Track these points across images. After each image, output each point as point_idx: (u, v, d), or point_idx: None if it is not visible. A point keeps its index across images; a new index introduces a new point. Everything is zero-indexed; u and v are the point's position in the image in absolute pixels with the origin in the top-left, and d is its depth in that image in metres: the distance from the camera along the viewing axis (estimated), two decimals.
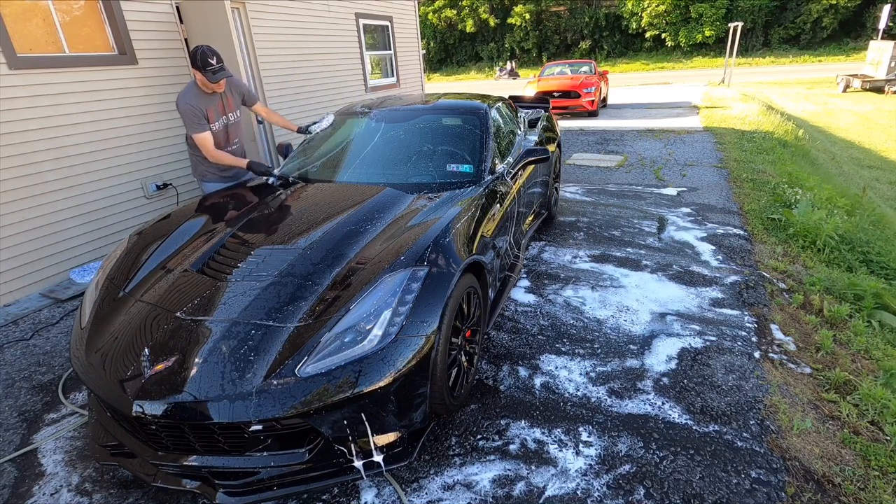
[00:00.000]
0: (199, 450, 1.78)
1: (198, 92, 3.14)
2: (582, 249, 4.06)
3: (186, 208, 2.86)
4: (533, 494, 1.84)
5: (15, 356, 3.05)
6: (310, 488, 1.80)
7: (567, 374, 2.51)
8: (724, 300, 3.18)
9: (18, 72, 3.68)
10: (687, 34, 31.71)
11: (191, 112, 3.11)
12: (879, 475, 1.92)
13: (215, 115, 3.24)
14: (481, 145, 3.13)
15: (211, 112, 3.21)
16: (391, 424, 1.82)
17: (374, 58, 8.81)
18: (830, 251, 4.18)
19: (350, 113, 3.72)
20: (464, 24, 38.94)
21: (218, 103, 3.27)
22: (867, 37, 25.96)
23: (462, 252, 2.18)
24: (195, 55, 3.02)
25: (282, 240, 2.34)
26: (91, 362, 1.89)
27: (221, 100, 3.29)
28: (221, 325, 1.86)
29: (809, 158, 8.23)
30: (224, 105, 3.32)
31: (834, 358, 2.66)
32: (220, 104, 3.28)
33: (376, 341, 1.76)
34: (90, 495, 1.97)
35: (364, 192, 2.76)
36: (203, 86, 3.13)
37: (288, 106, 6.38)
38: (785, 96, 17.44)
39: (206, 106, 3.17)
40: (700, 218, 4.74)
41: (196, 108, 3.12)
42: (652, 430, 2.11)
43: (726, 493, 1.81)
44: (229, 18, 4.72)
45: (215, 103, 3.24)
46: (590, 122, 11.09)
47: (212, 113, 3.21)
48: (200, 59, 3.02)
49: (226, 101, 3.32)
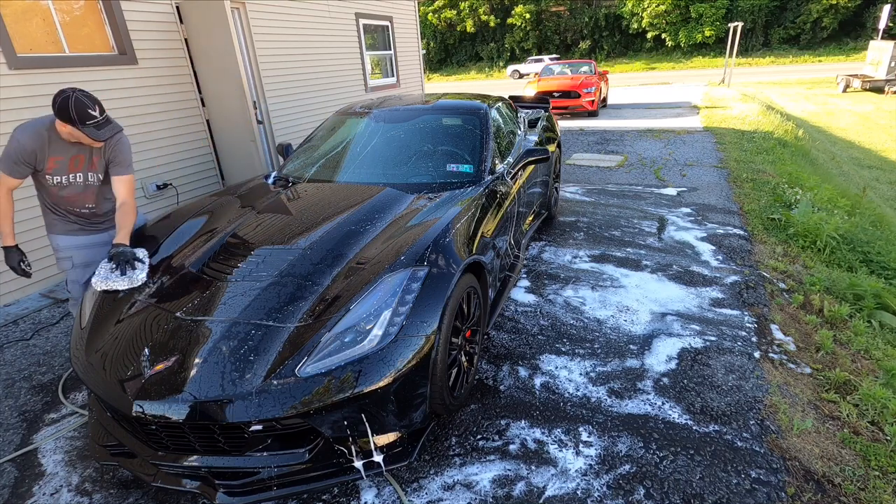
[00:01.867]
0: (200, 450, 1.78)
1: (47, 135, 2.22)
2: (582, 249, 4.06)
3: (186, 208, 2.86)
4: (533, 494, 1.84)
5: (15, 356, 3.05)
6: (310, 488, 1.80)
7: (567, 374, 2.51)
8: (724, 300, 3.18)
9: (18, 72, 3.68)
10: (687, 34, 31.73)
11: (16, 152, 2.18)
12: (879, 475, 1.91)
13: (62, 167, 2.29)
14: (481, 145, 3.13)
15: (55, 162, 2.27)
16: (391, 424, 1.82)
17: (374, 58, 8.81)
18: (830, 251, 4.18)
19: (350, 113, 3.72)
20: (464, 25, 38.95)
21: (79, 156, 2.32)
22: (867, 37, 25.96)
23: (462, 252, 2.18)
24: (65, 106, 2.10)
25: (282, 240, 2.34)
26: (91, 362, 1.89)
27: (89, 155, 2.34)
28: (221, 325, 1.86)
29: (809, 158, 8.23)
30: (89, 162, 2.35)
31: (834, 358, 2.66)
32: (82, 158, 2.33)
33: (376, 341, 1.76)
34: (90, 495, 1.97)
35: (364, 192, 2.76)
36: (69, 136, 2.22)
37: (288, 106, 6.39)
38: (785, 96, 17.45)
39: (52, 153, 2.25)
40: (700, 218, 4.74)
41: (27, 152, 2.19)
42: (652, 430, 2.11)
43: (726, 493, 1.81)
44: (229, 18, 4.72)
45: (74, 154, 2.30)
46: (590, 122, 11.09)
47: (55, 163, 2.27)
48: (77, 110, 2.10)
49: (94, 158, 2.36)
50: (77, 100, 2.11)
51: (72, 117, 2.11)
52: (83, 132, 2.15)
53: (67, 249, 2.46)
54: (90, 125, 2.15)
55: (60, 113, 2.12)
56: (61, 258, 2.50)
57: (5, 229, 2.32)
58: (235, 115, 5.10)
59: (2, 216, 2.29)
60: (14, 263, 2.35)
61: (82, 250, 2.49)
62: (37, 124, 2.24)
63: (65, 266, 2.51)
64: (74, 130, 2.16)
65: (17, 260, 2.36)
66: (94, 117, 2.15)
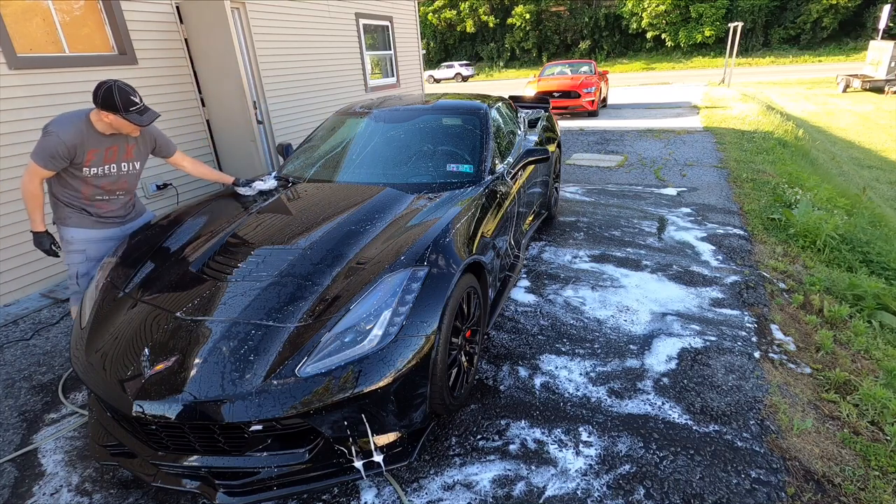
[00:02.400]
0: (200, 450, 1.78)
1: (85, 129, 2.30)
2: (582, 249, 4.06)
3: (186, 208, 2.86)
4: (533, 494, 1.84)
5: (15, 356, 3.05)
6: (310, 488, 1.80)
7: (567, 374, 2.51)
8: (724, 300, 3.18)
9: (18, 72, 3.68)
10: (687, 34, 31.72)
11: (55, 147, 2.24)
12: (879, 475, 1.91)
13: (98, 159, 2.38)
14: (481, 145, 3.13)
15: (93, 154, 2.35)
16: (391, 424, 1.82)
17: (374, 58, 8.81)
18: (830, 251, 4.18)
19: (350, 113, 3.72)
20: (463, 25, 38.94)
21: (113, 146, 2.41)
22: (867, 37, 25.96)
23: (462, 252, 2.18)
24: (109, 95, 2.20)
25: (282, 240, 2.34)
26: (91, 362, 1.89)
27: (124, 144, 2.46)
28: (221, 325, 1.86)
29: (809, 158, 8.22)
30: (123, 151, 2.46)
31: (834, 358, 2.66)
32: (115, 148, 2.42)
33: (376, 341, 1.76)
34: (90, 495, 1.97)
35: (364, 192, 2.76)
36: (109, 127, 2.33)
37: (288, 106, 6.39)
38: (785, 96, 17.45)
39: (90, 146, 2.33)
40: (700, 218, 4.74)
41: (67, 147, 2.25)
42: (652, 430, 2.11)
43: (726, 493, 1.81)
44: (229, 18, 4.72)
45: (108, 146, 2.39)
46: (590, 122, 11.09)
47: (94, 155, 2.35)
48: (121, 98, 2.21)
49: (129, 147, 2.48)
50: (120, 88, 2.24)
51: (117, 105, 2.22)
52: (127, 119, 2.26)
53: (82, 242, 2.53)
54: (133, 111, 2.27)
55: (105, 102, 2.22)
56: (74, 251, 2.54)
57: (37, 217, 2.44)
58: (235, 115, 5.10)
59: (35, 205, 2.40)
60: (46, 246, 2.50)
61: (97, 244, 2.56)
62: (73, 119, 2.31)
63: (76, 259, 2.54)
64: (117, 119, 2.27)
65: (48, 243, 2.50)
66: (136, 104, 2.29)
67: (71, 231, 2.52)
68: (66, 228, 2.52)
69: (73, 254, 2.55)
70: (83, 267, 2.56)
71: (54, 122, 2.30)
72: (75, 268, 2.56)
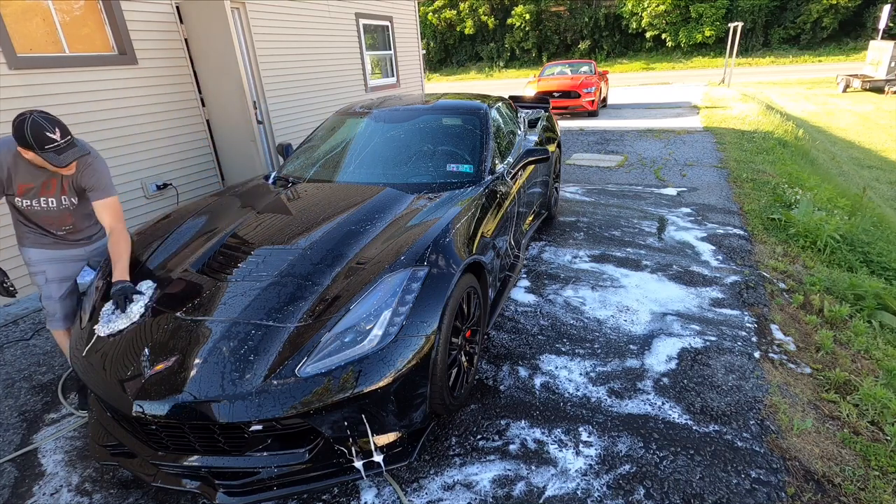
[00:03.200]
0: (200, 450, 1.78)
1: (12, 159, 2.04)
2: (582, 249, 4.06)
3: (186, 208, 2.86)
4: (533, 494, 1.84)
5: (15, 356, 3.05)
6: (310, 488, 1.80)
7: (567, 374, 2.51)
8: (724, 300, 3.18)
9: (18, 72, 3.68)
10: (687, 34, 31.69)
11: None
12: (879, 475, 1.91)
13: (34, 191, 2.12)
14: (481, 145, 3.13)
15: (25, 188, 2.10)
16: (391, 424, 1.82)
17: (374, 58, 8.81)
18: (831, 251, 4.18)
19: (350, 113, 3.72)
20: (463, 25, 38.92)
21: (51, 181, 2.13)
22: (867, 37, 25.94)
23: (462, 252, 2.18)
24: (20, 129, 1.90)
25: (282, 240, 2.34)
26: (91, 362, 1.89)
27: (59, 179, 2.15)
28: (221, 325, 1.86)
29: (809, 158, 8.22)
30: (61, 186, 2.16)
31: (834, 358, 2.66)
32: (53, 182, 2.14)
33: (376, 341, 1.76)
34: (90, 495, 1.97)
35: (364, 192, 2.76)
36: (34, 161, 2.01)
37: (288, 106, 6.39)
38: (785, 96, 17.44)
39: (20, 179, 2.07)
40: (700, 218, 4.74)
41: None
42: (652, 430, 2.11)
43: (726, 493, 1.81)
44: (229, 18, 4.72)
45: (44, 179, 2.11)
46: (590, 122, 11.09)
47: (25, 190, 2.10)
48: (33, 134, 1.89)
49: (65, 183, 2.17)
50: (34, 122, 1.89)
51: (29, 142, 1.90)
52: (43, 157, 1.94)
53: (40, 263, 2.29)
54: (49, 150, 1.92)
55: (17, 138, 1.92)
56: (34, 272, 2.32)
57: None
58: (235, 115, 5.10)
59: None
60: None
61: (56, 264, 2.32)
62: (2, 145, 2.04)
63: (37, 281, 2.33)
64: (36, 156, 1.96)
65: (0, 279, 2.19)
66: (53, 141, 1.93)
67: (29, 252, 2.28)
68: (24, 248, 2.28)
69: (35, 275, 2.32)
70: (45, 289, 2.32)
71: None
72: (39, 290, 2.34)
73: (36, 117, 1.91)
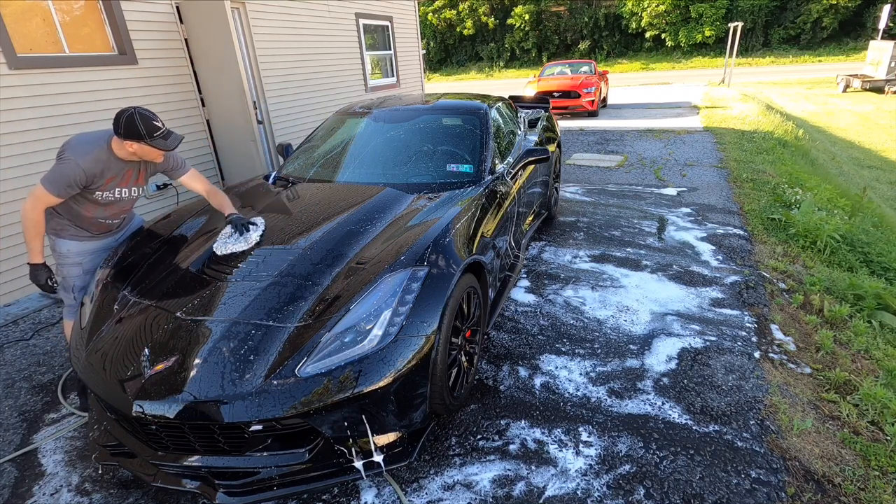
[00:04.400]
0: (200, 450, 1.78)
1: (105, 157, 2.18)
2: (582, 249, 4.06)
3: (187, 208, 2.86)
4: (533, 494, 1.84)
5: (15, 356, 3.05)
6: (310, 488, 1.80)
7: (567, 374, 2.51)
8: (724, 300, 3.18)
9: (18, 72, 3.68)
10: (687, 34, 31.69)
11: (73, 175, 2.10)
12: (879, 475, 1.91)
13: (114, 184, 2.27)
14: (481, 145, 3.13)
15: (111, 180, 2.24)
16: (391, 424, 1.82)
17: (374, 58, 8.81)
18: (831, 251, 4.18)
19: (350, 113, 3.72)
20: (463, 25, 38.91)
21: (128, 172, 2.29)
22: (867, 37, 25.94)
23: (462, 252, 2.18)
24: (132, 123, 2.08)
25: (282, 240, 2.34)
26: (91, 362, 1.89)
27: (139, 169, 2.35)
28: (221, 325, 1.86)
29: (809, 158, 8.23)
30: (136, 176, 2.35)
31: (834, 358, 2.66)
32: (129, 173, 2.31)
33: (376, 341, 1.76)
34: (90, 495, 1.97)
35: (364, 192, 2.76)
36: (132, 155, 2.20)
37: (288, 106, 6.38)
38: (785, 96, 17.44)
39: (110, 173, 2.22)
40: (700, 218, 4.74)
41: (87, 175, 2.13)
42: (652, 430, 2.11)
43: (726, 493, 1.81)
44: (229, 18, 4.72)
45: (125, 171, 2.27)
46: (590, 122, 11.09)
47: (111, 181, 2.24)
48: (144, 125, 2.09)
49: (141, 172, 2.37)
50: (142, 115, 2.11)
51: (141, 133, 2.09)
52: (152, 145, 2.13)
53: (78, 255, 2.39)
54: (158, 137, 2.14)
55: (129, 132, 2.09)
56: (69, 263, 2.39)
57: (36, 246, 2.24)
58: (235, 115, 5.10)
59: (36, 233, 2.21)
60: (42, 281, 2.29)
61: (92, 255, 2.44)
62: (93, 145, 2.17)
63: (73, 272, 2.40)
64: (142, 146, 2.14)
65: (45, 277, 2.30)
66: (160, 128, 2.15)
67: (67, 243, 2.36)
68: (62, 240, 2.35)
69: (70, 266, 2.40)
70: (80, 280, 2.42)
71: (71, 147, 2.14)
72: (72, 280, 2.41)
73: (140, 110, 2.12)
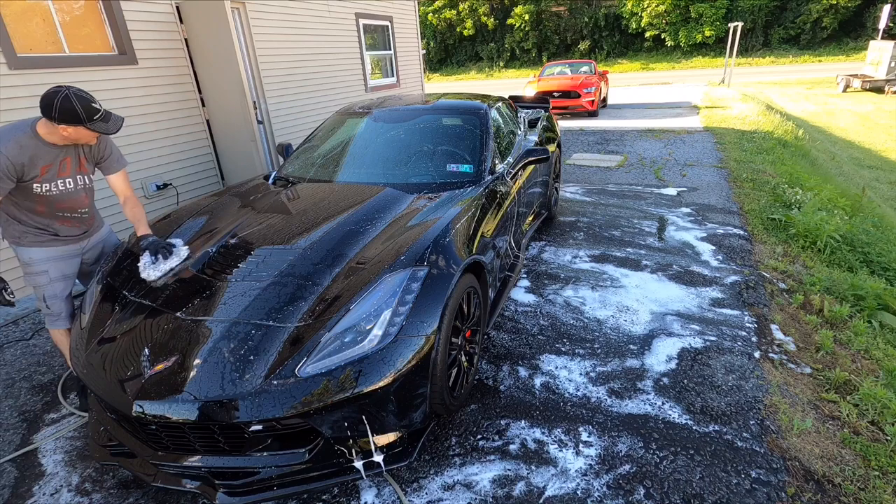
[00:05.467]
0: (200, 450, 1.78)
1: (30, 142, 1.99)
2: (582, 249, 4.06)
3: (186, 208, 2.86)
4: (533, 494, 1.84)
5: (15, 356, 3.05)
6: (310, 488, 1.80)
7: (567, 374, 2.51)
8: (724, 300, 3.18)
9: (18, 72, 3.68)
10: (687, 34, 31.69)
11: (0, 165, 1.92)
12: (879, 475, 1.91)
13: (52, 174, 2.08)
14: (481, 145, 3.13)
15: (46, 170, 2.05)
16: (391, 424, 1.82)
17: (374, 58, 8.81)
18: (831, 251, 4.18)
19: (350, 113, 3.72)
20: (463, 26, 38.91)
21: (65, 160, 2.10)
22: (867, 37, 25.93)
23: (462, 252, 2.18)
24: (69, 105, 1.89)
25: (282, 240, 2.34)
26: (91, 362, 1.89)
27: (78, 155, 2.15)
28: (221, 325, 1.85)
29: (809, 158, 8.22)
30: (76, 163, 2.15)
31: (834, 358, 2.66)
32: (68, 161, 2.11)
33: (376, 341, 1.76)
34: (90, 495, 1.97)
35: (364, 192, 2.76)
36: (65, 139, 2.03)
37: (288, 106, 6.38)
38: (785, 96, 17.44)
39: (42, 161, 2.03)
40: (700, 218, 4.74)
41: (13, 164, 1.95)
42: (652, 430, 2.11)
43: (726, 493, 1.81)
44: (229, 18, 4.72)
45: (61, 159, 2.08)
46: (590, 122, 11.09)
47: (46, 170, 2.05)
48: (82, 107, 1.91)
49: (81, 158, 2.17)
50: (78, 96, 1.91)
51: (80, 116, 1.91)
52: (92, 129, 1.96)
53: (42, 263, 2.24)
54: (97, 119, 1.96)
55: (64, 115, 1.90)
56: (35, 273, 2.25)
57: None
58: (235, 115, 5.10)
59: None
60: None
61: (58, 262, 2.29)
62: (16, 133, 1.98)
63: (40, 281, 2.27)
64: (79, 129, 1.96)
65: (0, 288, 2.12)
66: (98, 110, 1.97)
67: (29, 251, 2.20)
68: (23, 248, 2.19)
69: (36, 275, 2.26)
70: (49, 289, 2.29)
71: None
72: (42, 290, 2.28)
73: (75, 90, 1.92)
